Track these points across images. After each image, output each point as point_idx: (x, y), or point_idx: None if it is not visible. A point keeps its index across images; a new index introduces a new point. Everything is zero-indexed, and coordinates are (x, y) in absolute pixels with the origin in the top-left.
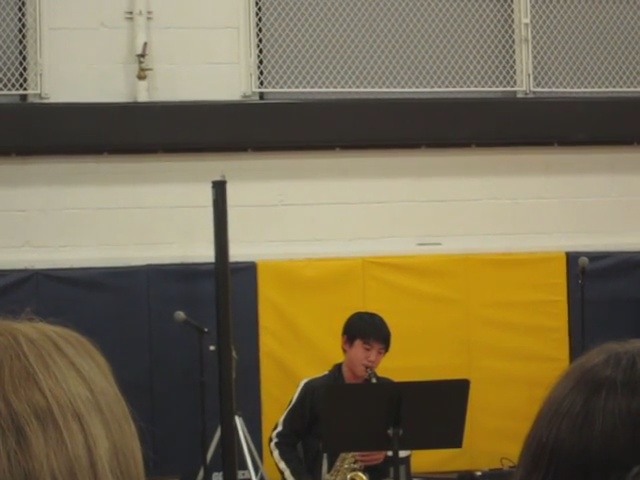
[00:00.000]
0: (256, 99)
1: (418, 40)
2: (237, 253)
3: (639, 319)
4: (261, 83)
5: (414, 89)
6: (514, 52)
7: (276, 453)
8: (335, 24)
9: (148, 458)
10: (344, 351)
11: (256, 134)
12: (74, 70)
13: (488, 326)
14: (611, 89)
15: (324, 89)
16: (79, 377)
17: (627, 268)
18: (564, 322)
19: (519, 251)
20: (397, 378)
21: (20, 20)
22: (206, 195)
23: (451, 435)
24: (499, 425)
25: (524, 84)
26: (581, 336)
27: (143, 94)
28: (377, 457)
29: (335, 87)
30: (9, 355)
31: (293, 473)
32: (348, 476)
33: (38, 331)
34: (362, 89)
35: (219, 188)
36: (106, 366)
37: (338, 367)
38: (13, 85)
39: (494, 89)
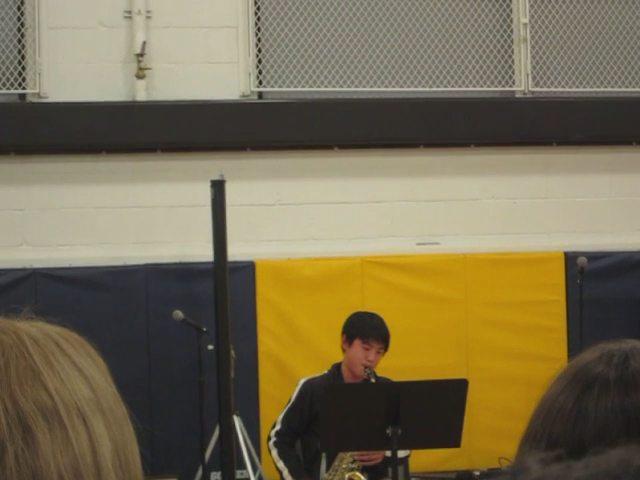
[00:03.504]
0: (255, 98)
1: (417, 39)
2: (236, 252)
3: (638, 319)
4: (260, 82)
5: (413, 88)
6: (513, 52)
7: (274, 452)
8: (334, 24)
9: (145, 459)
10: (343, 350)
11: (255, 133)
12: (73, 69)
13: (487, 326)
14: (610, 89)
15: (323, 88)
16: (81, 377)
17: (626, 268)
18: (563, 322)
19: (518, 251)
20: (396, 378)
21: (19, 19)
22: (205, 194)
23: (450, 435)
24: (497, 425)
25: (523, 84)
26: (579, 336)
27: (142, 93)
28: (375, 457)
29: (334, 86)
30: (14, 354)
31: (291, 472)
32: (346, 476)
33: (40, 330)
34: (361, 88)
35: (218, 187)
36: (104, 367)
37: (337, 367)
38: (12, 84)
39: (493, 89)
